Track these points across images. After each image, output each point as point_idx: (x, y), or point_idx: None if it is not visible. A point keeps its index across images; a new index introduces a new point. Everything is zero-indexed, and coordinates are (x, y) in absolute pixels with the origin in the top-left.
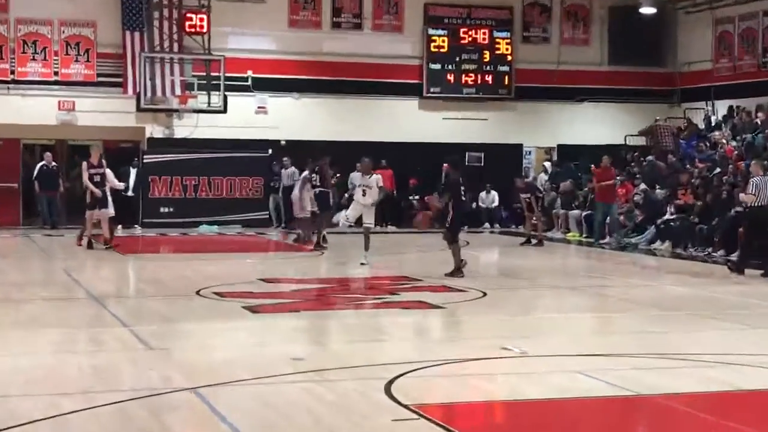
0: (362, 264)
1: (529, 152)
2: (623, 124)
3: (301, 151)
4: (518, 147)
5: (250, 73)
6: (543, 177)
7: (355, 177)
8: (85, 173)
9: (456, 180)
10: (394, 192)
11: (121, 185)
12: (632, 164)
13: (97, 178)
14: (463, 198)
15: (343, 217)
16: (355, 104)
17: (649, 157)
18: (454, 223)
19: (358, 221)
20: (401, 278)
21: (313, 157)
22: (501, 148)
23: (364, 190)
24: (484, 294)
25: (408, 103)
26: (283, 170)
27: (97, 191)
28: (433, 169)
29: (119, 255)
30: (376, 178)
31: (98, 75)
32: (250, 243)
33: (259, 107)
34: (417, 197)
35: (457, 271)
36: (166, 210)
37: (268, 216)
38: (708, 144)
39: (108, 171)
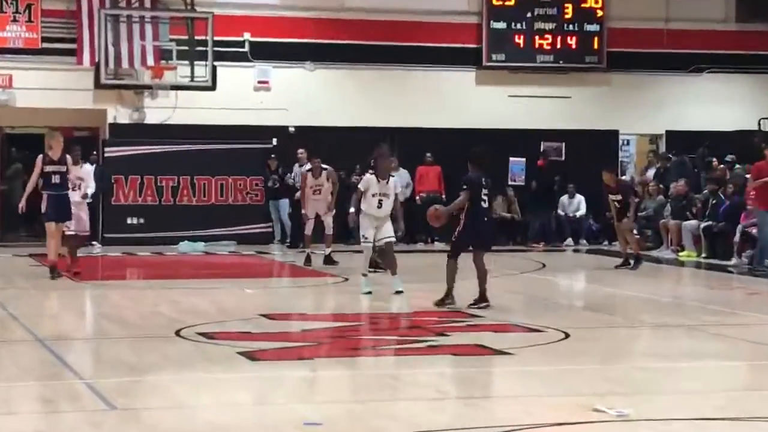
0: (398, 292)
1: (627, 142)
2: (756, 102)
3: (316, 141)
4: (612, 135)
5: (247, 36)
6: (648, 175)
7: (371, 181)
8: (36, 170)
9: (476, 179)
10: (443, 195)
11: (90, 190)
12: None
13: (56, 179)
14: (484, 204)
15: (362, 239)
16: (389, 77)
17: None
18: (461, 236)
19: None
20: (453, 314)
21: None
22: (589, 137)
23: (380, 201)
24: (566, 335)
25: (462, 76)
26: (296, 167)
27: (22, 203)
28: (495, 164)
29: (72, 282)
30: (395, 182)
31: (43, 40)
32: (247, 266)
33: (259, 82)
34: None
35: (482, 299)
36: (135, 221)
37: (270, 229)
38: None
39: (80, 168)
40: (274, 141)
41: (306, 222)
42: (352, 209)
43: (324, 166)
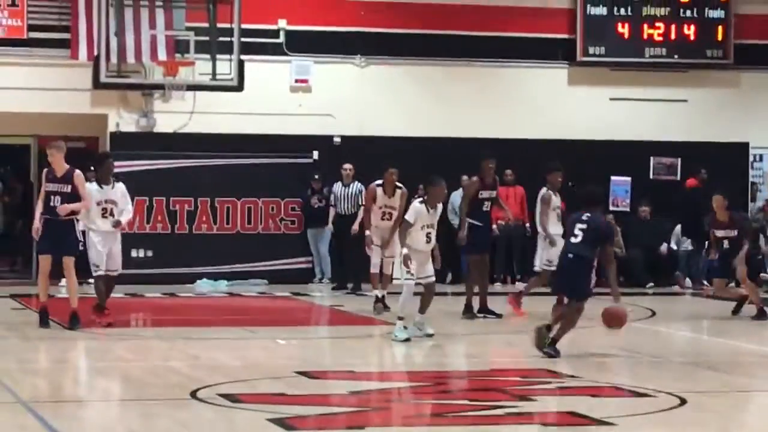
0: (429, 335)
1: (760, 157)
2: None
3: (369, 155)
4: (741, 148)
5: (282, 23)
6: None
7: (421, 212)
8: (42, 189)
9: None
10: (527, 224)
11: (124, 217)
12: None
13: (56, 200)
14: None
15: (406, 275)
16: (458, 75)
17: None
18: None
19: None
20: (538, 371)
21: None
22: (711, 151)
23: (428, 234)
24: (682, 401)
25: (551, 74)
26: (340, 187)
27: (36, 224)
28: (596, 185)
29: (61, 330)
30: (440, 210)
31: (30, 29)
32: (281, 310)
33: (297, 81)
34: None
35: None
36: (141, 254)
37: (310, 264)
38: None
39: (110, 188)
40: (315, 154)
41: (371, 253)
42: (404, 250)
43: (398, 183)
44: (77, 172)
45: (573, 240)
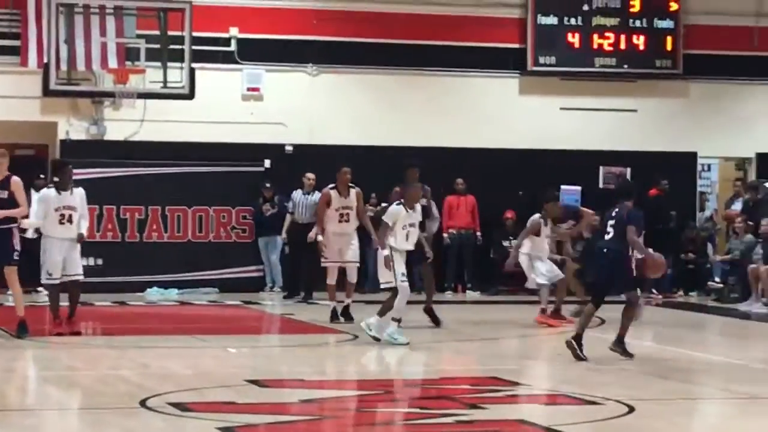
0: (375, 339)
1: (708, 167)
2: None
3: (321, 164)
4: (689, 158)
5: (234, 32)
6: (734, 209)
7: (399, 213)
8: None
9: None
10: (478, 233)
11: (83, 227)
12: None
13: None
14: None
15: (400, 278)
16: (410, 84)
17: None
18: None
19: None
20: (490, 380)
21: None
22: (660, 160)
23: (408, 233)
24: (631, 409)
25: (501, 84)
26: (301, 195)
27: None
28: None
29: (8, 339)
30: (419, 208)
31: None
32: (232, 319)
33: (249, 89)
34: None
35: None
36: (91, 263)
37: (261, 273)
38: None
39: (69, 195)
40: (267, 163)
41: (326, 263)
42: (385, 252)
43: (351, 183)
44: (15, 178)
45: (606, 236)
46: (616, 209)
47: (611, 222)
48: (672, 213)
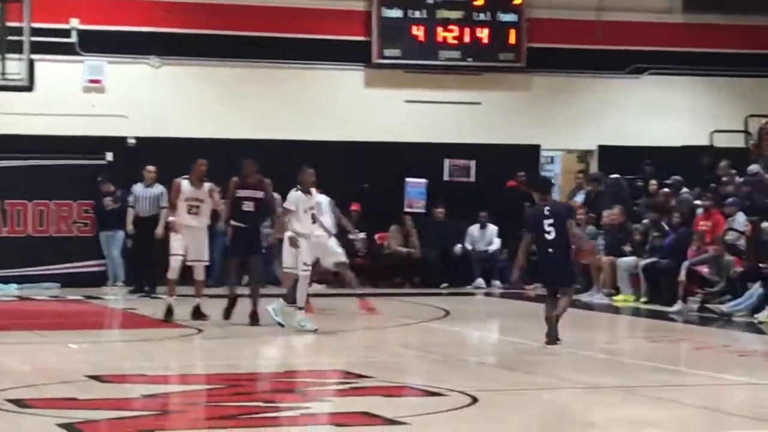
0: (280, 324)
1: (551, 159)
2: (707, 111)
3: (164, 157)
4: (533, 150)
5: (74, 23)
6: (577, 200)
7: (299, 198)
8: None
9: (533, 215)
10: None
11: None
12: (723, 179)
13: None
14: (549, 236)
15: (302, 266)
16: (255, 77)
17: (752, 168)
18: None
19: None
20: (335, 374)
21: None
22: (504, 153)
23: (313, 215)
24: (474, 399)
25: (346, 76)
26: (141, 188)
27: None
28: (391, 186)
29: None
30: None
31: None
32: (73, 314)
33: (90, 81)
34: (362, 234)
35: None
36: None
37: (103, 268)
38: None
39: None
40: (109, 156)
41: (172, 256)
42: (288, 233)
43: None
44: None
45: (547, 237)
46: (549, 208)
47: (549, 221)
48: (528, 204)
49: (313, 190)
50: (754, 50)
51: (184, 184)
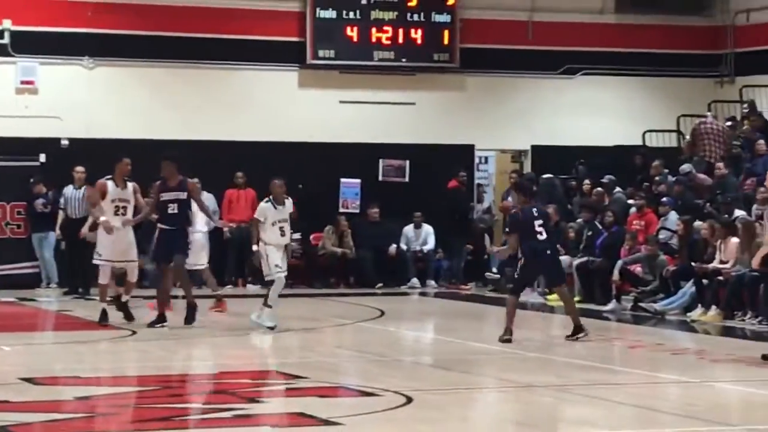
0: (270, 327)
1: (485, 159)
2: (640, 111)
3: (98, 158)
4: (467, 150)
5: (7, 24)
6: (510, 200)
7: (268, 210)
8: None
9: (522, 217)
10: None
11: None
12: (656, 179)
13: None
14: (541, 236)
15: (274, 268)
16: (189, 78)
17: (684, 167)
18: (522, 271)
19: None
20: (267, 373)
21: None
22: (439, 153)
23: (282, 228)
24: (408, 399)
25: (281, 77)
26: (72, 190)
27: None
28: (326, 186)
29: None
30: (290, 204)
31: None
32: (7, 317)
33: (23, 82)
34: (297, 235)
35: (578, 330)
36: None
37: (37, 269)
38: None
39: None
40: (42, 157)
41: (98, 261)
42: (255, 247)
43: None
44: None
45: (540, 237)
46: (536, 209)
47: (539, 222)
48: (471, 204)
49: (288, 201)
50: (685, 50)
51: (110, 184)
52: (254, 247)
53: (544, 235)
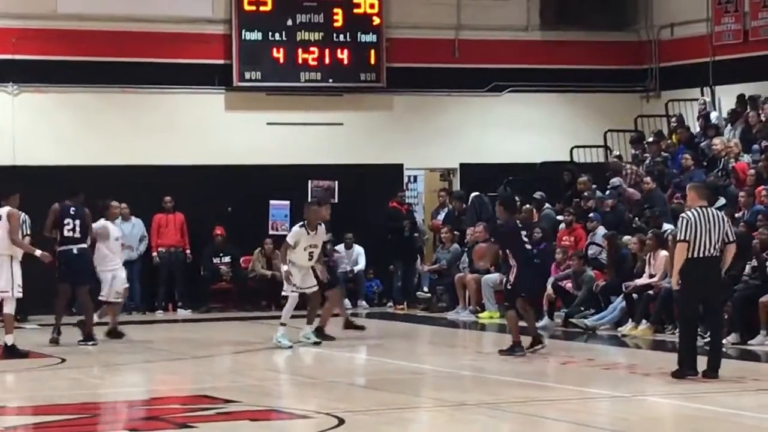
0: (316, 343)
1: (414, 178)
2: (568, 127)
3: (25, 185)
4: (396, 170)
5: None
6: (440, 219)
7: (301, 234)
8: None
9: (508, 228)
10: (188, 250)
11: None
12: (584, 194)
13: None
14: (529, 246)
15: (292, 288)
16: (115, 102)
17: (614, 181)
18: (516, 284)
19: None
20: (200, 399)
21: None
22: (367, 173)
23: (311, 253)
24: (341, 421)
25: (207, 100)
26: None
27: None
28: (255, 209)
29: None
30: (323, 230)
31: None
32: None
33: None
34: (227, 259)
35: (517, 347)
36: None
37: None
38: (705, 157)
39: None
40: None
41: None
42: (284, 267)
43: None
44: None
45: (528, 247)
46: (517, 221)
47: (524, 233)
48: (406, 222)
49: (321, 227)
50: (610, 66)
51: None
52: (283, 267)
53: (530, 246)
